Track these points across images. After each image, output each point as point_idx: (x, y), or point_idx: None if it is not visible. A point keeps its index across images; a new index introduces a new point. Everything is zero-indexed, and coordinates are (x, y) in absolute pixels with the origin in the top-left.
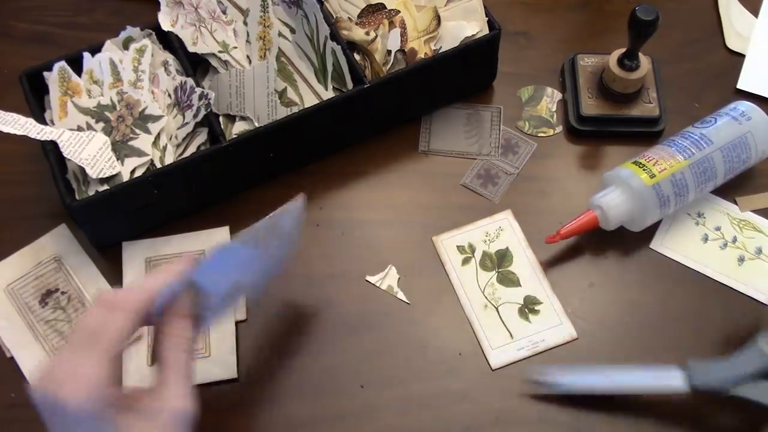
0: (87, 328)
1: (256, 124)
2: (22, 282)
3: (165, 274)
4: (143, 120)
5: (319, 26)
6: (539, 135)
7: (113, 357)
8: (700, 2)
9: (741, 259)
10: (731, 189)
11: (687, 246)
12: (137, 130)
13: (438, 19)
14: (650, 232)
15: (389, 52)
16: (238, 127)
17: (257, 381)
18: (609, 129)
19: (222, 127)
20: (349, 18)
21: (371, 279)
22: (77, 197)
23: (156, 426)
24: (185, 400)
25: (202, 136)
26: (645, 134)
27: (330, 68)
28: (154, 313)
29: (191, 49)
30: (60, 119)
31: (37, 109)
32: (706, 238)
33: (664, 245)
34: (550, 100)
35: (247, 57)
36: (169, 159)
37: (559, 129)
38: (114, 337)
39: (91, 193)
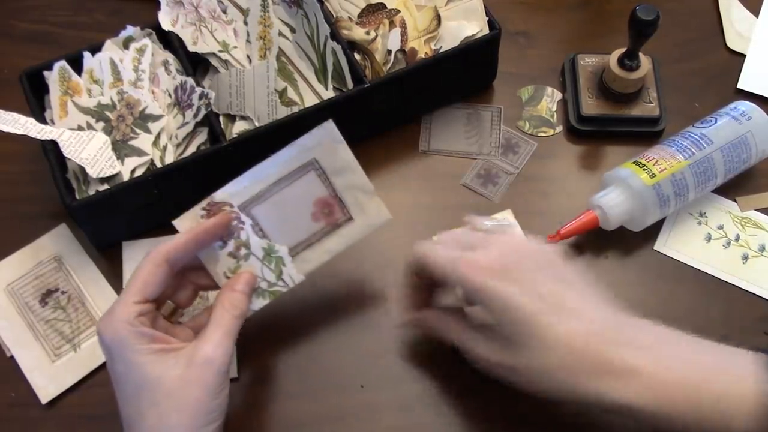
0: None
1: (257, 124)
2: (22, 282)
3: (196, 231)
4: (143, 119)
5: (319, 26)
6: (539, 135)
7: (140, 298)
8: (700, 2)
9: (745, 257)
10: (732, 189)
11: (690, 246)
12: (137, 130)
13: (438, 18)
14: (652, 232)
15: (389, 51)
16: (239, 127)
17: (257, 381)
18: (609, 129)
19: (222, 126)
20: (349, 18)
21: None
22: (77, 197)
23: (188, 366)
24: (220, 349)
25: (202, 136)
26: (645, 134)
27: (330, 68)
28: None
29: (191, 48)
30: (60, 119)
31: (37, 109)
32: (709, 238)
33: (668, 246)
34: (550, 100)
35: (248, 56)
36: (170, 159)
37: (560, 129)
38: (139, 281)
39: (91, 192)
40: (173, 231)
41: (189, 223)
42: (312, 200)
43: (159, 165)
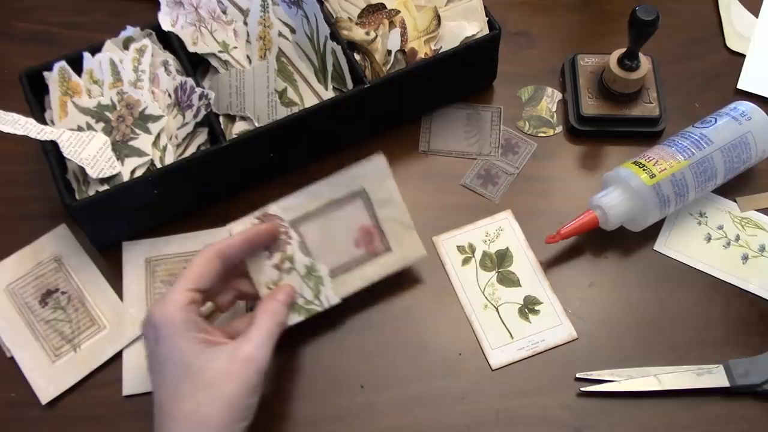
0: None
1: (256, 124)
2: (22, 282)
3: (249, 234)
4: (143, 120)
5: (319, 26)
6: (539, 135)
7: (193, 287)
8: (700, 2)
9: (745, 257)
10: (732, 189)
11: (690, 246)
12: (137, 130)
13: (438, 19)
14: (652, 232)
15: (389, 52)
16: (238, 127)
17: None
18: (609, 129)
19: (222, 127)
20: (349, 18)
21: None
22: (77, 197)
23: (230, 360)
24: (261, 350)
25: (202, 136)
26: (645, 134)
27: (330, 68)
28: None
29: (191, 49)
30: (60, 119)
31: (37, 109)
32: (709, 238)
33: (668, 246)
34: (550, 100)
35: (247, 57)
36: (169, 159)
37: (559, 129)
38: (194, 271)
39: (91, 193)
40: (173, 231)
41: (242, 227)
42: (356, 227)
43: (159, 165)
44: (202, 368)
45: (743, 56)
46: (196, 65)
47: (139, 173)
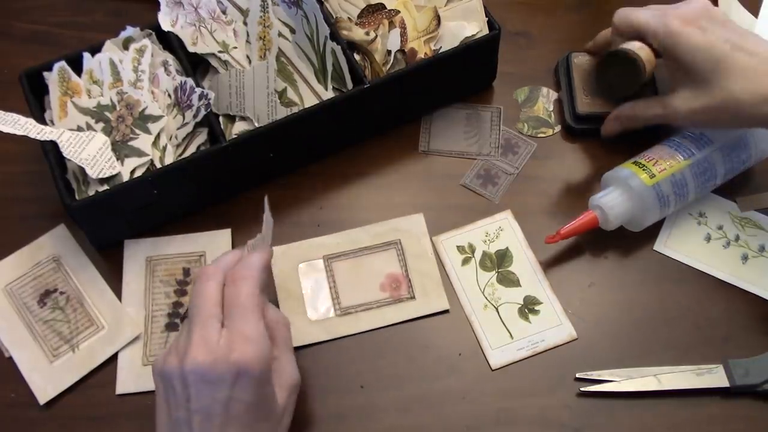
0: (216, 302)
1: (256, 124)
2: (20, 282)
3: (260, 254)
4: (143, 120)
5: (319, 26)
6: (539, 136)
7: (261, 316)
8: None
9: (745, 258)
10: (732, 189)
11: (690, 246)
12: (137, 130)
13: (438, 19)
14: (652, 232)
15: (389, 52)
16: (238, 127)
17: None
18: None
19: (222, 127)
20: (349, 18)
21: None
22: (77, 197)
23: (284, 392)
24: (296, 370)
25: (202, 136)
26: (642, 132)
27: (330, 68)
28: None
29: (191, 49)
30: (60, 119)
31: (37, 109)
32: (708, 238)
33: (668, 246)
34: (546, 100)
35: (247, 57)
36: (169, 159)
37: (558, 129)
38: (256, 298)
39: (91, 193)
40: (173, 231)
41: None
42: (385, 273)
43: (159, 165)
44: (275, 408)
45: None
46: (195, 65)
47: (139, 173)
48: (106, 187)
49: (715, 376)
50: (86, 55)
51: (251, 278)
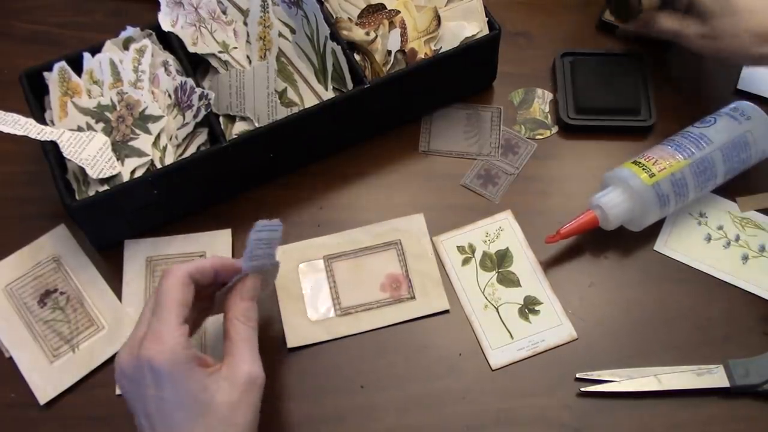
0: (155, 297)
1: (256, 125)
2: (20, 282)
3: (221, 259)
4: (143, 120)
5: (319, 26)
6: (537, 138)
7: (183, 320)
8: None
9: (745, 258)
10: (732, 189)
11: (690, 246)
12: (137, 131)
13: (438, 19)
14: (652, 232)
15: (389, 52)
16: (238, 128)
17: None
18: (601, 119)
19: (222, 127)
20: (349, 18)
21: None
22: (77, 197)
23: (232, 388)
24: (256, 366)
25: (202, 137)
26: (639, 129)
27: (330, 68)
28: (218, 293)
29: (191, 49)
30: (60, 119)
31: (37, 109)
32: (709, 238)
33: (668, 246)
34: (542, 101)
35: (247, 57)
36: (169, 159)
37: (555, 129)
38: (177, 302)
39: (91, 193)
40: (173, 232)
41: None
42: (385, 273)
43: (159, 166)
44: (209, 405)
45: None
46: (196, 65)
47: (139, 173)
48: (106, 187)
49: (715, 376)
50: (86, 55)
51: (174, 276)
